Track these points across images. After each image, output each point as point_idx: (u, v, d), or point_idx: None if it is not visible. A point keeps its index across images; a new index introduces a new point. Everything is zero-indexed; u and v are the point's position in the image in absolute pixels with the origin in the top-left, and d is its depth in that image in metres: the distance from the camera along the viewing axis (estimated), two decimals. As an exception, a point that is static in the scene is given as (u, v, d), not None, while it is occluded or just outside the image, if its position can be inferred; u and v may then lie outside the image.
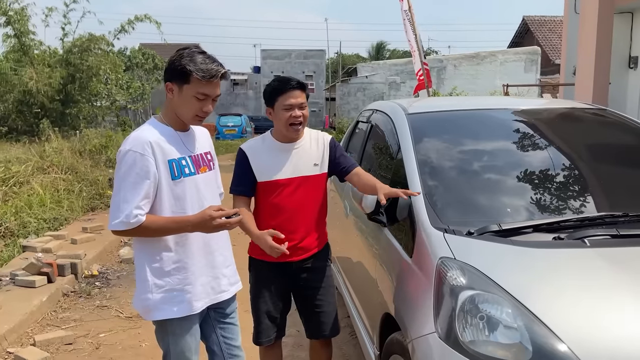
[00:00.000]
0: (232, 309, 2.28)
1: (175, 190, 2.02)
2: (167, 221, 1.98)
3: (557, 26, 26.84)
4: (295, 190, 2.51)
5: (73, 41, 17.00)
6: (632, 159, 2.77)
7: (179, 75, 1.97)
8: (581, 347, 1.61)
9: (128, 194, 1.92)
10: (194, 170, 2.08)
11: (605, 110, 3.16)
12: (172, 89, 2.01)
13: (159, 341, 2.16)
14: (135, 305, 2.13)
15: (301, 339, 3.68)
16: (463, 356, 1.71)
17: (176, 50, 2.04)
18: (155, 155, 1.96)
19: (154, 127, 2.05)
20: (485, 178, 2.56)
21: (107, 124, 19.87)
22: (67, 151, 10.36)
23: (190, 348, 2.12)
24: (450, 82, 22.11)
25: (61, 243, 5.78)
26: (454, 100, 5.24)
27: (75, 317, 4.21)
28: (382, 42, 48.74)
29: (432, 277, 1.96)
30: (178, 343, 2.10)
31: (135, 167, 1.93)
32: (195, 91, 1.97)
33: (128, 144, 1.97)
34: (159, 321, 2.09)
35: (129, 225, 1.92)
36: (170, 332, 2.09)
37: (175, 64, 1.98)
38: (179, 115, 2.05)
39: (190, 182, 2.06)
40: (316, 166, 2.55)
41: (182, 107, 2.01)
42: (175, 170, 2.02)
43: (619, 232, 2.01)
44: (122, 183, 1.94)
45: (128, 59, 29.47)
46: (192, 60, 1.96)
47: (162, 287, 2.03)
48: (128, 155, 1.94)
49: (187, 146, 2.09)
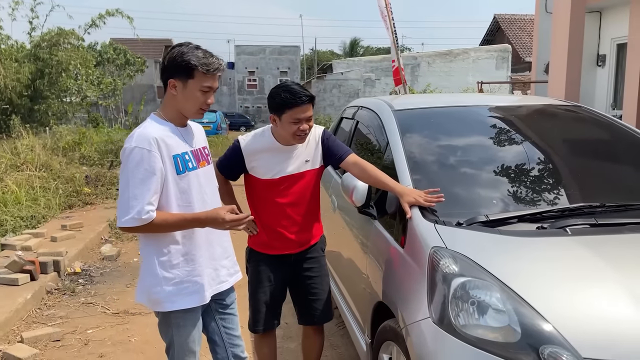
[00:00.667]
0: (232, 299, 2.34)
1: (181, 185, 2.06)
2: (178, 218, 2.02)
3: (527, 24, 27.45)
4: (291, 187, 2.59)
5: (41, 35, 16.62)
6: (606, 152, 2.95)
7: (183, 70, 2.01)
8: (565, 326, 1.73)
9: (137, 190, 1.94)
10: (196, 164, 2.13)
11: (581, 107, 3.32)
12: (175, 86, 2.04)
13: (162, 333, 2.20)
14: (140, 298, 2.17)
15: (290, 330, 3.76)
16: (457, 339, 1.81)
17: (170, 47, 2.09)
18: (161, 151, 2.00)
19: (156, 124, 2.08)
20: (470, 171, 2.68)
21: (78, 120, 19.48)
22: (40, 148, 10.19)
23: (194, 339, 2.18)
24: (424, 79, 22.42)
25: (41, 241, 5.71)
26: (437, 97, 5.37)
27: (61, 314, 4.19)
28: (356, 38, 49.00)
29: (425, 265, 2.06)
30: (182, 334, 2.15)
31: (143, 163, 1.96)
32: (200, 85, 2.02)
33: (134, 141, 1.99)
34: (163, 313, 2.14)
35: (140, 221, 1.94)
36: (174, 323, 2.14)
37: (178, 60, 2.01)
38: (184, 110, 2.09)
39: (194, 176, 2.11)
40: (307, 162, 2.62)
41: (187, 101, 2.06)
42: (180, 165, 2.06)
43: (597, 222, 2.15)
44: (130, 179, 1.96)
45: (99, 54, 28.90)
46: (195, 56, 2.01)
47: (172, 280, 2.07)
48: (135, 151, 1.97)
49: (188, 141, 2.14)
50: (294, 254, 2.67)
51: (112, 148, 12.30)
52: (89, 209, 7.65)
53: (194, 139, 2.19)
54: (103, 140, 13.11)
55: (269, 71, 39.11)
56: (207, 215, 2.03)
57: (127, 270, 5.31)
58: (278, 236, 2.62)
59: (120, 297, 4.58)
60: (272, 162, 2.57)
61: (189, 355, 2.19)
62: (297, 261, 2.69)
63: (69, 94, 18.34)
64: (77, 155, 11.30)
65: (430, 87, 18.42)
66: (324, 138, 2.67)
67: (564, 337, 1.70)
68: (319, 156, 2.66)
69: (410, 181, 2.46)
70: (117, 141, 12.83)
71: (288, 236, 2.62)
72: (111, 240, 6.38)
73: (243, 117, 35.74)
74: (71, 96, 18.60)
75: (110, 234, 6.56)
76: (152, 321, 4.01)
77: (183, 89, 2.04)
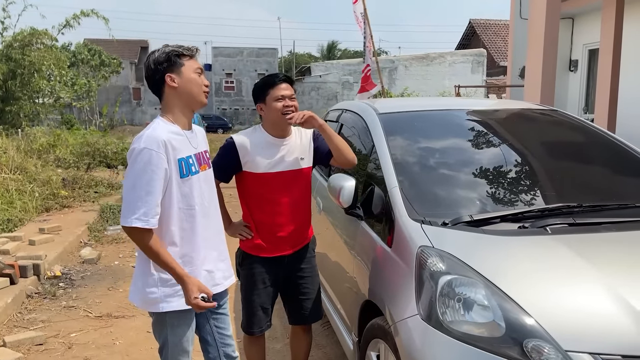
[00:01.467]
0: (224, 300, 2.38)
1: (183, 188, 2.09)
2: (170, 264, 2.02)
3: (502, 29, 28.00)
4: (285, 184, 2.63)
5: (14, 35, 16.29)
6: (582, 155, 3.07)
7: (173, 62, 2.10)
8: (547, 321, 1.81)
9: (143, 192, 1.96)
10: (198, 168, 2.16)
11: (557, 111, 3.45)
12: (173, 79, 2.10)
13: (156, 333, 2.22)
14: (133, 298, 2.18)
15: (275, 331, 3.80)
16: (444, 335, 1.88)
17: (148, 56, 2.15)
18: (168, 154, 2.03)
19: (165, 125, 2.10)
20: (455, 173, 2.77)
21: (51, 122, 19.13)
22: (14, 150, 9.99)
23: (188, 338, 2.21)
24: (401, 83, 22.68)
25: (19, 244, 5.62)
26: (419, 100, 5.48)
27: (42, 318, 4.14)
28: (334, 41, 49.21)
29: (412, 264, 2.13)
30: (176, 334, 2.17)
31: (150, 165, 1.98)
32: (193, 68, 2.13)
33: (142, 142, 2.01)
34: (157, 314, 2.16)
35: (146, 223, 1.96)
36: (169, 323, 2.16)
37: (163, 57, 2.10)
38: (190, 99, 2.13)
39: (196, 179, 2.14)
40: (303, 160, 2.68)
41: (190, 87, 2.12)
42: (184, 168, 2.09)
43: (575, 221, 2.25)
44: (137, 180, 1.97)
45: (73, 55, 28.45)
46: (175, 47, 2.12)
47: (169, 281, 2.09)
48: (143, 152, 1.98)
49: (193, 144, 2.17)
50: (287, 256, 2.70)
51: (89, 150, 12.14)
52: (67, 212, 7.54)
53: (197, 143, 2.22)
54: (79, 142, 12.91)
55: (246, 73, 38.99)
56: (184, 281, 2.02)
57: (108, 274, 5.27)
58: (272, 236, 2.65)
59: (102, 300, 4.55)
60: (266, 155, 2.61)
61: (182, 355, 2.21)
62: (290, 262, 2.73)
63: (41, 95, 17.99)
64: (52, 157, 11.12)
65: (408, 91, 18.64)
66: (315, 136, 2.74)
67: (546, 331, 1.78)
68: (311, 153, 2.72)
69: (396, 182, 2.53)
70: (93, 143, 12.66)
71: (282, 236, 2.66)
72: (91, 243, 6.31)
73: (220, 119, 35.54)
74: (44, 97, 18.25)
75: (89, 237, 6.49)
76: (136, 324, 4.02)
77: (181, 78, 2.10)
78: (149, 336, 3.80)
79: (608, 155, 3.03)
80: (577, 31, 10.27)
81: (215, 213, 2.29)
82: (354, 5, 9.61)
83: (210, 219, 2.23)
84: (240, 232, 2.70)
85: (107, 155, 12.38)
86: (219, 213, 2.33)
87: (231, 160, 2.62)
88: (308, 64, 30.02)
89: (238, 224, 2.73)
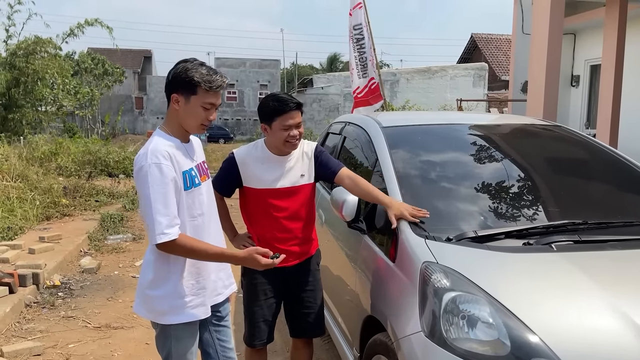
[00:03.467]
0: (227, 311, 2.37)
1: (187, 200, 2.10)
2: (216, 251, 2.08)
3: (503, 44, 28.14)
4: (287, 200, 2.62)
5: (18, 43, 16.39)
6: (587, 171, 3.06)
7: (186, 86, 2.04)
8: (551, 338, 1.79)
9: (160, 206, 1.96)
10: (200, 180, 2.17)
11: (561, 127, 3.45)
12: (178, 100, 2.07)
13: (159, 345, 2.20)
14: (138, 309, 2.18)
15: (275, 345, 3.75)
16: (448, 352, 1.86)
17: (176, 63, 2.11)
18: (174, 164, 2.04)
19: (164, 140, 2.09)
20: (458, 187, 2.75)
21: (53, 130, 19.19)
22: (15, 158, 10.00)
23: (192, 351, 2.20)
24: (403, 95, 22.75)
25: (18, 253, 5.59)
26: (421, 114, 5.48)
27: (40, 328, 4.11)
28: (336, 53, 49.43)
29: (416, 280, 2.10)
30: (180, 346, 2.16)
31: (162, 177, 1.98)
32: (202, 101, 2.06)
33: (149, 157, 2.00)
34: (162, 326, 2.15)
35: (170, 235, 1.95)
36: (173, 335, 2.15)
37: (182, 76, 2.05)
38: (185, 125, 2.12)
39: (198, 191, 2.15)
40: (303, 177, 2.67)
41: (189, 116, 2.09)
42: (188, 181, 2.10)
43: (580, 238, 2.24)
44: (152, 195, 1.97)
45: (76, 64, 28.60)
46: (198, 72, 2.04)
47: (176, 293, 2.09)
48: (152, 168, 1.98)
49: (191, 157, 2.17)
50: (289, 267, 2.68)
51: (90, 159, 12.15)
52: (67, 220, 7.52)
53: (195, 154, 2.22)
54: (80, 150, 12.93)
55: (248, 84, 39.15)
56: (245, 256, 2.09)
57: (107, 284, 5.24)
58: (272, 249, 2.63)
59: (101, 310, 4.51)
60: (266, 172, 2.61)
61: None
62: (292, 275, 2.72)
63: (44, 103, 18.07)
64: (53, 165, 11.12)
65: (410, 104, 18.69)
66: (317, 153, 2.73)
67: (551, 349, 1.76)
68: (312, 170, 2.71)
69: (400, 196, 2.52)
70: (94, 152, 12.68)
71: (282, 249, 2.64)
72: (90, 252, 6.28)
73: (222, 130, 35.62)
74: (47, 105, 18.33)
75: (89, 247, 6.46)
76: (135, 335, 3.99)
77: (185, 104, 2.07)
78: (147, 348, 3.77)
79: (612, 172, 3.02)
80: (579, 47, 10.33)
81: (214, 223, 2.30)
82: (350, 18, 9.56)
83: (211, 228, 2.24)
84: (243, 243, 2.69)
85: (108, 164, 12.41)
86: (218, 223, 2.34)
87: (232, 176, 2.64)
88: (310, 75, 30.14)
89: (243, 236, 2.74)
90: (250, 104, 39.05)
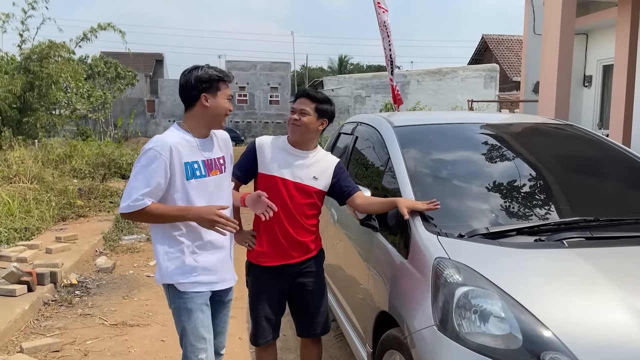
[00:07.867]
0: (230, 297, 2.58)
1: (187, 189, 2.32)
2: (171, 208, 2.28)
3: (514, 45, 28.00)
4: (289, 192, 2.64)
5: (32, 48, 16.60)
6: (598, 169, 3.08)
7: (212, 84, 2.35)
8: (564, 332, 1.82)
9: (139, 184, 2.23)
10: (205, 173, 2.38)
11: (572, 125, 3.46)
12: (207, 99, 2.35)
13: (176, 323, 2.41)
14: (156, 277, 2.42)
15: (288, 342, 3.81)
16: (460, 346, 1.89)
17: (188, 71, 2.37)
18: (172, 157, 2.27)
19: (176, 132, 2.37)
20: (469, 185, 2.78)
21: (67, 133, 19.42)
22: (30, 160, 10.16)
23: (204, 324, 2.38)
24: (413, 97, 22.71)
25: (36, 252, 5.70)
26: (432, 114, 5.51)
27: (59, 325, 4.19)
28: (345, 55, 49.53)
29: (429, 275, 2.14)
30: (192, 319, 2.35)
31: (152, 163, 2.24)
32: (226, 94, 2.41)
33: (152, 143, 2.29)
34: (174, 299, 2.37)
35: (134, 207, 2.21)
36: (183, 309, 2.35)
37: (204, 77, 2.34)
38: (214, 119, 2.39)
39: (201, 183, 2.36)
40: (315, 180, 2.69)
41: (218, 110, 2.38)
42: (189, 172, 2.32)
43: (592, 235, 2.26)
44: (138, 173, 2.25)
45: (89, 67, 28.89)
46: (214, 71, 2.37)
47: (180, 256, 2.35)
48: (150, 152, 2.26)
49: (202, 151, 2.39)
50: (292, 265, 2.71)
51: (104, 161, 12.30)
52: (83, 221, 7.63)
53: (212, 150, 2.43)
54: (94, 153, 13.10)
55: (259, 87, 39.32)
56: (200, 207, 2.28)
57: (122, 282, 5.32)
58: (278, 243, 2.67)
59: (117, 308, 4.59)
60: (280, 158, 2.68)
61: (199, 342, 2.37)
62: (295, 274, 2.75)
63: (58, 107, 18.29)
64: (68, 167, 11.27)
65: (420, 105, 18.67)
66: (338, 169, 2.76)
67: (563, 343, 1.79)
68: (327, 180, 2.73)
69: (412, 194, 2.55)
70: (108, 154, 12.84)
71: (282, 243, 2.66)
72: (106, 252, 6.38)
73: (233, 132, 35.76)
74: (61, 109, 18.54)
75: (105, 247, 6.56)
76: (151, 332, 4.06)
77: (214, 99, 2.37)
78: (164, 344, 3.84)
79: (624, 170, 3.03)
80: (591, 47, 10.27)
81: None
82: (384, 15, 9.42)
83: None
84: (245, 240, 2.74)
85: (121, 166, 12.54)
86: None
87: (250, 160, 2.72)
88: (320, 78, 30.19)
89: (247, 233, 2.77)
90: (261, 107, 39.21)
